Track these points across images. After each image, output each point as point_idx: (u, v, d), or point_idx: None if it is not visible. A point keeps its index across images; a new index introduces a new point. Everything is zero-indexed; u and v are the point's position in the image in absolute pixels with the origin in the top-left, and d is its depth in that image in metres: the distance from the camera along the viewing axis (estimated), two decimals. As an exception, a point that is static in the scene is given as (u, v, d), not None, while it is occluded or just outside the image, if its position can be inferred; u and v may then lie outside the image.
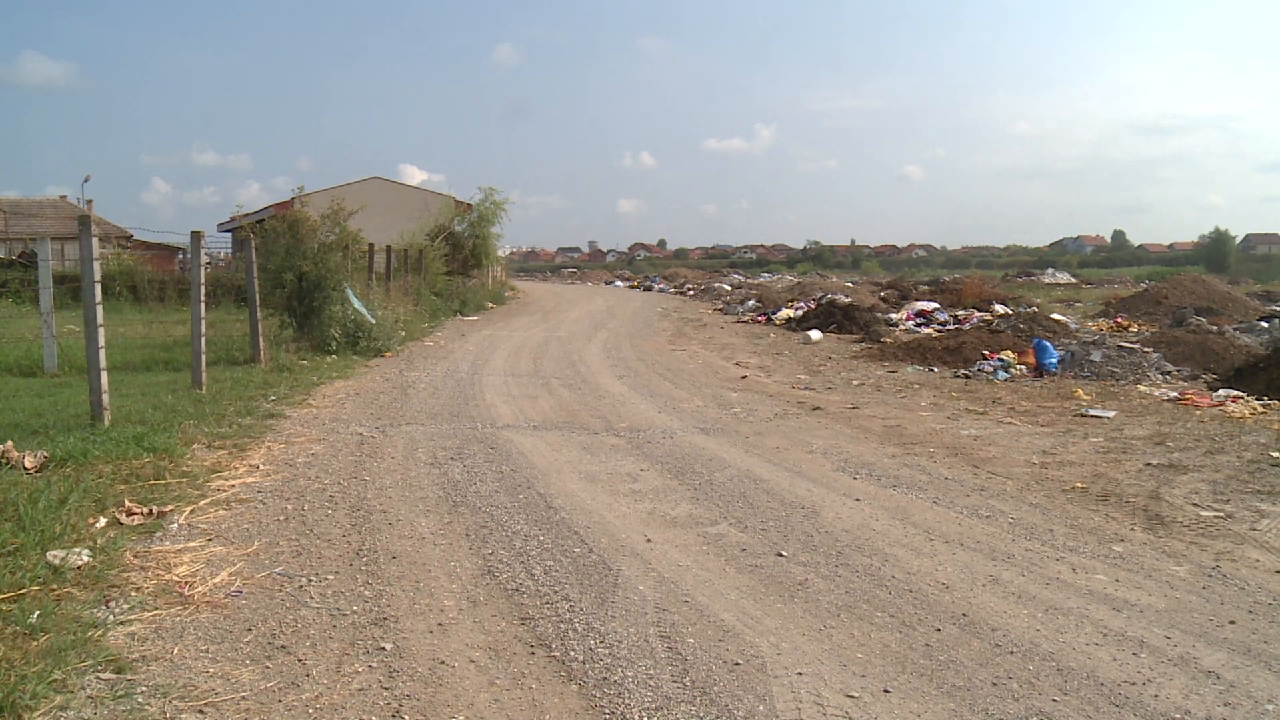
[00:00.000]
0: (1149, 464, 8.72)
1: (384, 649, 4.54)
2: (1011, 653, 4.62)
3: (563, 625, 4.88)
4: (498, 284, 42.06)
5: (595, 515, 6.93)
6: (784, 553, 6.14)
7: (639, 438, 9.94)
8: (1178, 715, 4.00)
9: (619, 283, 66.58)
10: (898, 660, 4.53)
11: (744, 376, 15.55)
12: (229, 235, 40.76)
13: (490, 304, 33.20)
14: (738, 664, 4.45)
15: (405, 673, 4.29)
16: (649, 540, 6.34)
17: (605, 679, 4.27)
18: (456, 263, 31.87)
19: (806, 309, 27.42)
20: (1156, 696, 4.17)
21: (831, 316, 24.59)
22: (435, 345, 19.33)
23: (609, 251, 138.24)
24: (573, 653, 4.55)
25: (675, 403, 12.51)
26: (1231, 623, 5.04)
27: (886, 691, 4.20)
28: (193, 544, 5.96)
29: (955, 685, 4.26)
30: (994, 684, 4.28)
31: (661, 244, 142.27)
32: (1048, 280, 56.68)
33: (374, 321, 17.52)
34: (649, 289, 55.99)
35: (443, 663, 4.41)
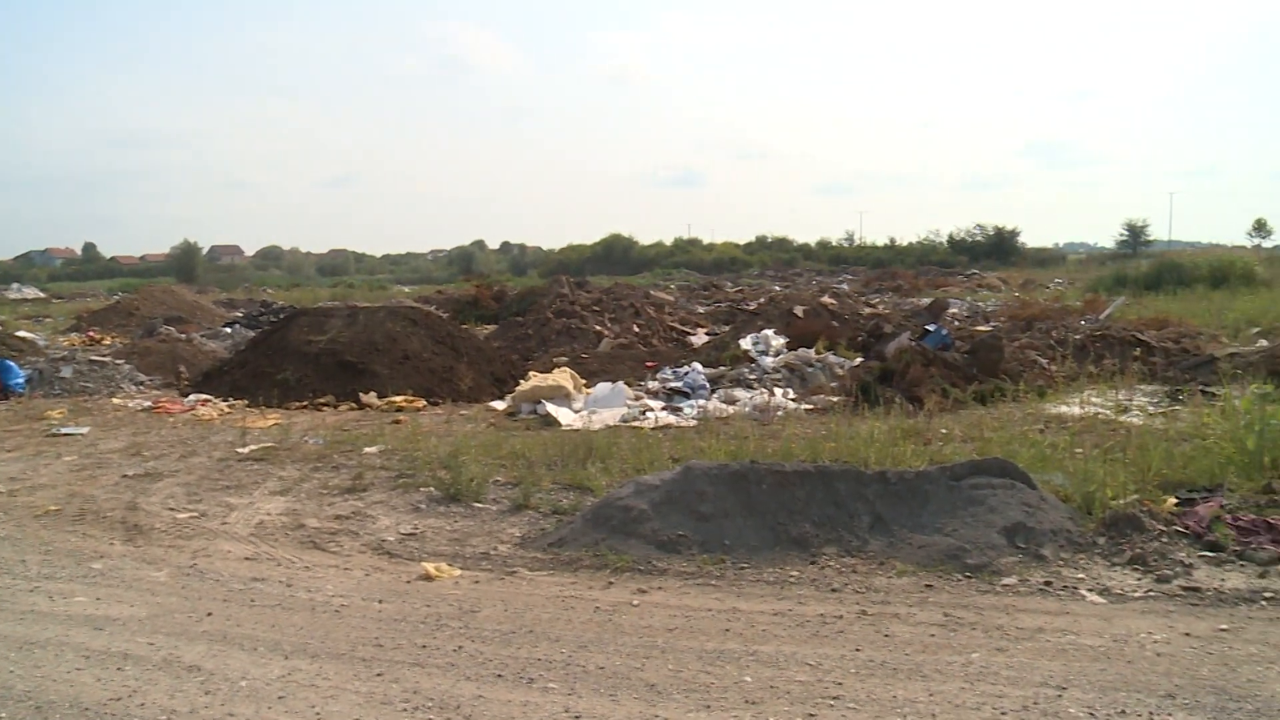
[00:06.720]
0: (125, 476, 8.72)
1: None
2: (-17, 703, 4.20)
3: None
4: None
5: None
6: None
7: None
8: (164, 716, 4.09)
9: None
10: None
11: None
12: None
13: None
14: None
15: None
16: None
17: None
18: None
19: None
20: (143, 705, 4.20)
21: None
22: None
23: None
24: None
25: None
26: (209, 615, 5.33)
27: None
28: None
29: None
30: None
31: None
32: (14, 296, 52.74)
33: None
34: None
35: None
